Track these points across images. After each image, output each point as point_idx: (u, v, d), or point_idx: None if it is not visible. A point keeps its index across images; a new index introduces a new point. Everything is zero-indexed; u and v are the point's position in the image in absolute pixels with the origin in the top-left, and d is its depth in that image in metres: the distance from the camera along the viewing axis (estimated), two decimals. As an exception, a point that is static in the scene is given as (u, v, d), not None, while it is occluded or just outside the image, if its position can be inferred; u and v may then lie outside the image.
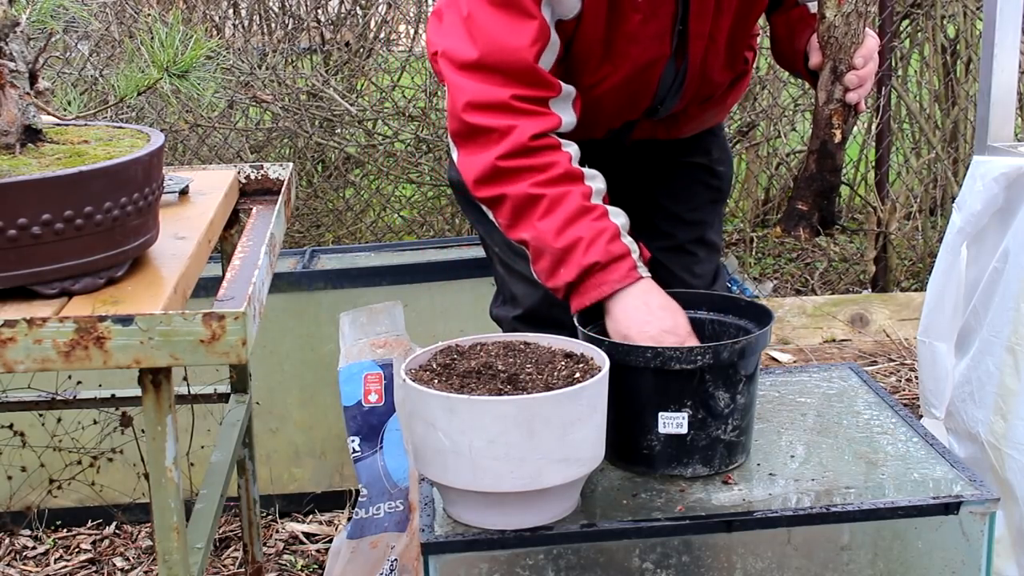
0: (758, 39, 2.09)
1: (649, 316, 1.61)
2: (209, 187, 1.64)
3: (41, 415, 2.60)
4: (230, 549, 2.65)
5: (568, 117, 1.71)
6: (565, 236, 1.63)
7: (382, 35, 4.38)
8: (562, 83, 1.69)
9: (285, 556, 2.61)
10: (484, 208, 1.77)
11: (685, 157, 2.09)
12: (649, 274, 1.67)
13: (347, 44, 4.25)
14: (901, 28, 4.30)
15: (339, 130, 4.16)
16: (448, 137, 1.77)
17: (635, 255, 1.66)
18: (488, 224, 1.97)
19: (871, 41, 1.71)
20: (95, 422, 2.64)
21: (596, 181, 1.70)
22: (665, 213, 2.09)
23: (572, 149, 1.69)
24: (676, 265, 2.08)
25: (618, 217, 1.68)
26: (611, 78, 1.79)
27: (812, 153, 1.74)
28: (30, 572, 2.58)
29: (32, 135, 1.25)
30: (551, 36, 1.66)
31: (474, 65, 1.66)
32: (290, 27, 4.25)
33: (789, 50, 1.90)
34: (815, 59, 1.73)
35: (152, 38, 1.37)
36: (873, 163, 4.29)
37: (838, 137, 1.73)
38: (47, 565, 2.60)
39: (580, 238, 1.62)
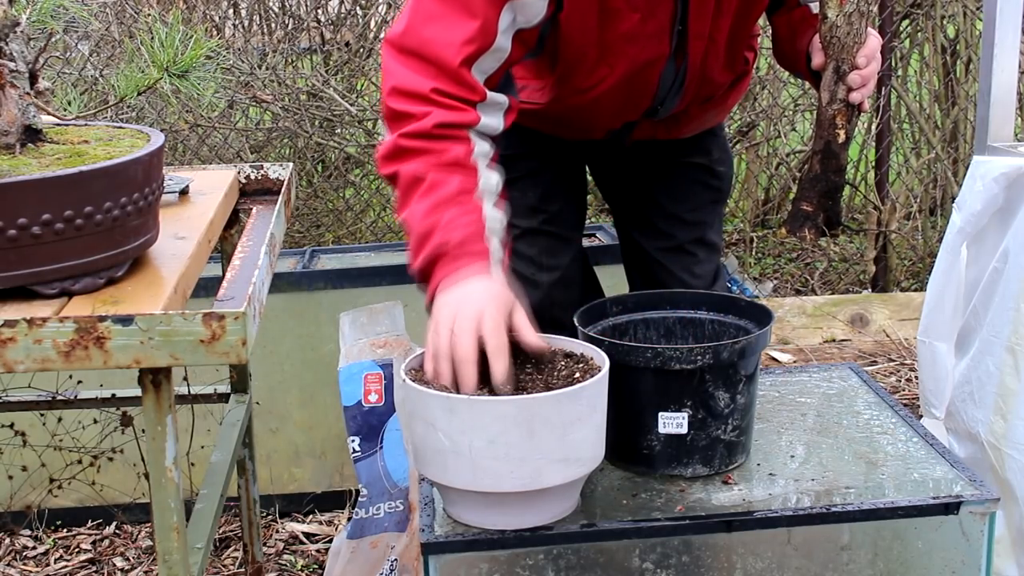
0: (758, 39, 2.09)
1: (464, 301, 1.46)
2: (209, 187, 1.64)
3: (42, 415, 2.60)
4: (230, 549, 2.65)
5: (492, 121, 1.64)
6: (432, 217, 1.53)
7: (382, 35, 4.38)
8: (490, 92, 1.63)
9: (285, 556, 2.61)
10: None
11: (685, 157, 2.09)
12: (500, 275, 1.54)
13: (347, 44, 4.25)
14: (901, 28, 4.30)
15: (339, 130, 4.16)
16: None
17: (494, 257, 1.54)
18: None
19: (873, 40, 1.71)
20: (95, 422, 2.64)
21: (490, 180, 1.61)
22: (665, 213, 2.09)
23: (480, 146, 1.61)
24: (676, 265, 2.08)
25: (493, 220, 1.57)
26: (608, 79, 1.79)
27: (816, 154, 1.74)
28: (30, 572, 2.58)
29: (32, 135, 1.25)
30: (495, 42, 1.61)
31: (404, 50, 1.62)
32: (290, 27, 4.25)
33: (791, 51, 1.90)
34: (817, 60, 1.73)
35: (152, 38, 1.38)
36: (873, 163, 4.29)
37: (842, 137, 1.73)
38: (47, 565, 2.60)
39: (442, 223, 1.52)
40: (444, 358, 1.42)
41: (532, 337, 1.46)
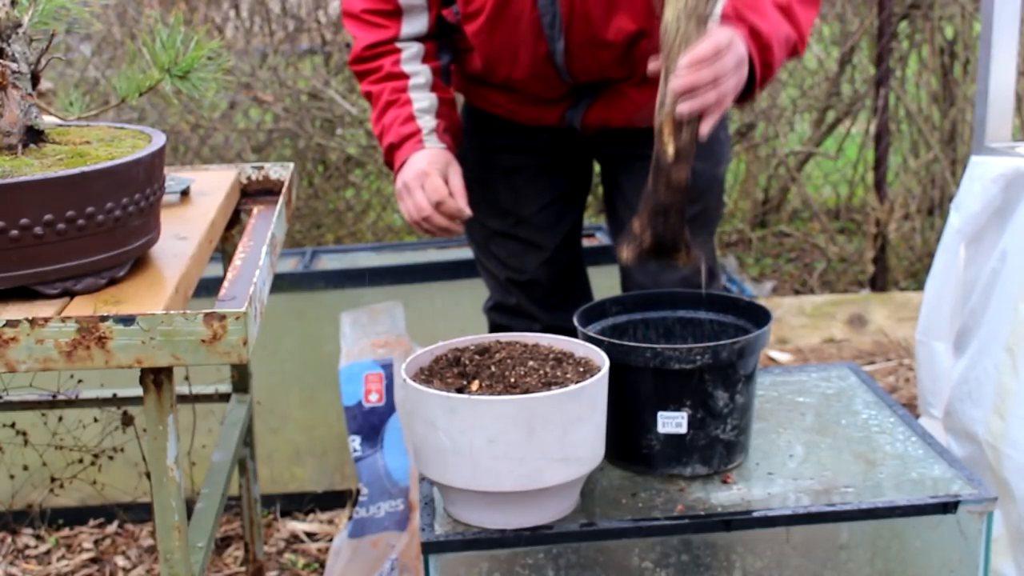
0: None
1: (408, 170, 1.87)
2: (210, 187, 1.65)
3: (43, 414, 2.60)
4: (231, 548, 2.66)
5: (415, 28, 1.93)
6: (380, 124, 1.95)
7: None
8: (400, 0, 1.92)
9: (286, 555, 2.62)
10: None
11: (647, 151, 2.04)
12: (438, 145, 1.89)
13: (347, 45, 4.25)
14: (899, 29, 4.30)
15: (340, 131, 4.17)
16: None
17: (425, 131, 1.90)
18: (469, 223, 1.99)
19: (707, 45, 1.47)
20: (96, 421, 2.64)
21: (417, 77, 1.93)
22: (635, 211, 2.07)
23: (409, 50, 1.93)
24: (639, 269, 2.03)
25: (422, 103, 1.92)
26: (486, 5, 1.82)
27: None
28: (32, 571, 2.59)
29: (34, 136, 1.26)
30: None
31: None
32: (291, 28, 4.26)
33: None
34: (652, 64, 1.55)
35: (154, 39, 1.38)
36: (872, 164, 4.30)
37: (670, 152, 1.49)
38: (49, 564, 2.61)
39: (386, 125, 1.93)
40: (415, 215, 1.86)
41: (460, 199, 1.86)
